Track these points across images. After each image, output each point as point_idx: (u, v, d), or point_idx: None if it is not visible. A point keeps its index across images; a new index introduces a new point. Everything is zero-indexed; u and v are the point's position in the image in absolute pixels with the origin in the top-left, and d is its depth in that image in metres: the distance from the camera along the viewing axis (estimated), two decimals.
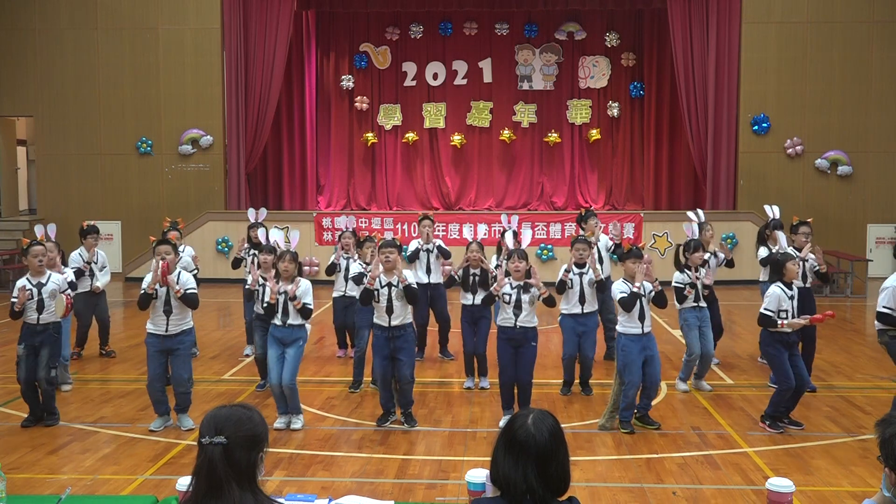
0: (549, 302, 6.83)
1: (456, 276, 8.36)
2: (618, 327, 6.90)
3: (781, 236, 8.13)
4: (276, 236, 7.59)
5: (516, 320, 6.74)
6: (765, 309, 6.82)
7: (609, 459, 6.17)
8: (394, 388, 7.06)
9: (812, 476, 5.82)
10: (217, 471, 2.36)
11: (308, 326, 7.11)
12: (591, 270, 7.68)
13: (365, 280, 6.99)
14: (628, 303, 6.73)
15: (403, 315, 6.86)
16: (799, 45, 16.29)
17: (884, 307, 6.47)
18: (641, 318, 6.71)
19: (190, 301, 6.79)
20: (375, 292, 6.83)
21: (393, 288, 6.79)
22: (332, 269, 8.99)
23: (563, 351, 7.97)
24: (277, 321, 6.87)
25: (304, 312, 6.83)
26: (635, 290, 6.73)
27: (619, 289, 6.81)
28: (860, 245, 16.14)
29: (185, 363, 6.92)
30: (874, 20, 16.17)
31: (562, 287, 7.74)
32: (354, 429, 6.97)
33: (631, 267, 6.80)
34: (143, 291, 6.78)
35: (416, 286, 6.93)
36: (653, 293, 6.81)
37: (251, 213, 10.35)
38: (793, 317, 6.80)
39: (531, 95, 18.23)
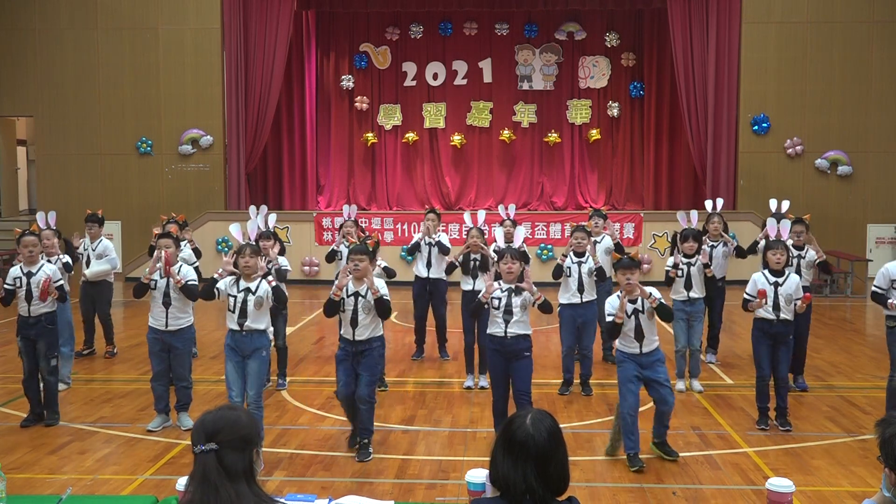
0: (545, 308, 6.08)
1: (456, 262, 8.45)
2: (616, 343, 6.22)
3: (771, 223, 8.13)
4: (233, 231, 7.09)
5: (506, 327, 6.04)
6: (745, 293, 6.93)
7: (609, 459, 6.17)
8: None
9: (812, 476, 5.82)
10: (211, 477, 2.39)
11: (270, 328, 6.56)
12: (590, 259, 7.77)
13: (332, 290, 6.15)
14: (610, 331, 6.11)
15: (370, 329, 6.10)
16: (799, 45, 16.28)
17: (874, 287, 6.72)
18: (639, 336, 5.97)
19: (189, 292, 6.79)
20: (341, 302, 6.12)
21: (360, 298, 6.05)
22: (333, 256, 8.85)
23: (561, 345, 7.98)
24: (233, 325, 6.14)
25: (278, 296, 6.18)
26: (619, 319, 5.94)
27: (611, 304, 6.07)
28: (860, 245, 16.13)
29: (186, 361, 6.96)
30: (874, 20, 16.16)
31: (558, 271, 7.80)
32: None
33: (621, 279, 6.05)
34: (140, 280, 6.83)
35: (388, 298, 6.11)
36: (650, 308, 5.99)
37: (252, 210, 10.30)
38: (774, 304, 6.74)
39: (531, 95, 18.22)
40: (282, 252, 8.20)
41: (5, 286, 6.88)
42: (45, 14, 16.98)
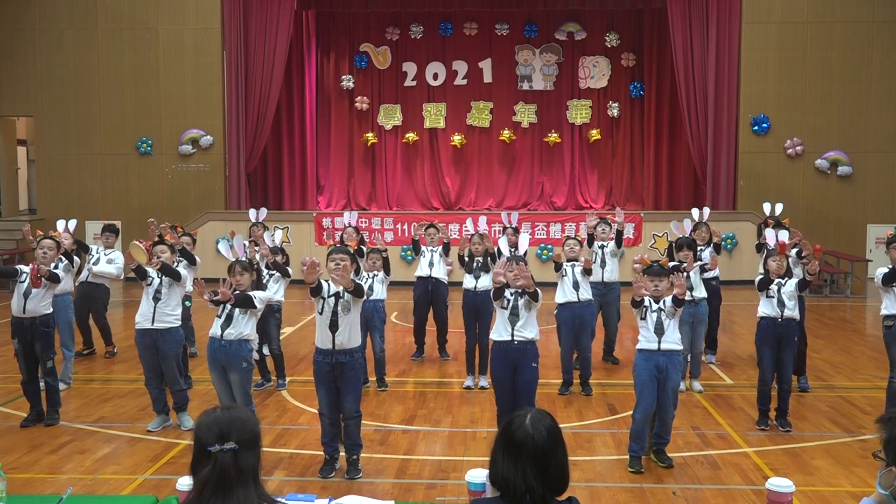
0: (534, 296, 5.89)
1: (460, 251, 8.52)
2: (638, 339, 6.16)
3: (769, 233, 8.15)
4: (228, 248, 6.52)
5: (513, 329, 5.89)
6: (757, 282, 7.04)
7: (609, 459, 6.17)
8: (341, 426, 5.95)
9: (812, 476, 5.82)
10: (230, 477, 2.33)
11: (254, 339, 6.23)
12: (582, 261, 7.95)
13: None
14: (634, 303, 6.09)
15: (349, 332, 5.72)
16: (799, 45, 16.28)
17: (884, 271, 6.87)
18: (659, 331, 5.95)
19: (170, 271, 6.83)
20: (321, 302, 5.72)
21: (340, 299, 5.71)
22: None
23: (560, 347, 8.01)
24: (216, 330, 6.06)
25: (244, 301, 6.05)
26: (641, 291, 6.02)
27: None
28: (860, 245, 16.12)
29: (173, 365, 6.91)
30: (874, 20, 16.16)
31: (558, 267, 7.98)
32: None
33: (648, 285, 6.03)
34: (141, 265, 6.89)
35: (362, 283, 6.00)
36: (672, 308, 5.99)
37: (252, 213, 10.50)
38: (778, 301, 6.84)
39: (531, 95, 18.21)
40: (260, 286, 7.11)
41: (15, 266, 7.16)
42: (45, 14, 16.98)
